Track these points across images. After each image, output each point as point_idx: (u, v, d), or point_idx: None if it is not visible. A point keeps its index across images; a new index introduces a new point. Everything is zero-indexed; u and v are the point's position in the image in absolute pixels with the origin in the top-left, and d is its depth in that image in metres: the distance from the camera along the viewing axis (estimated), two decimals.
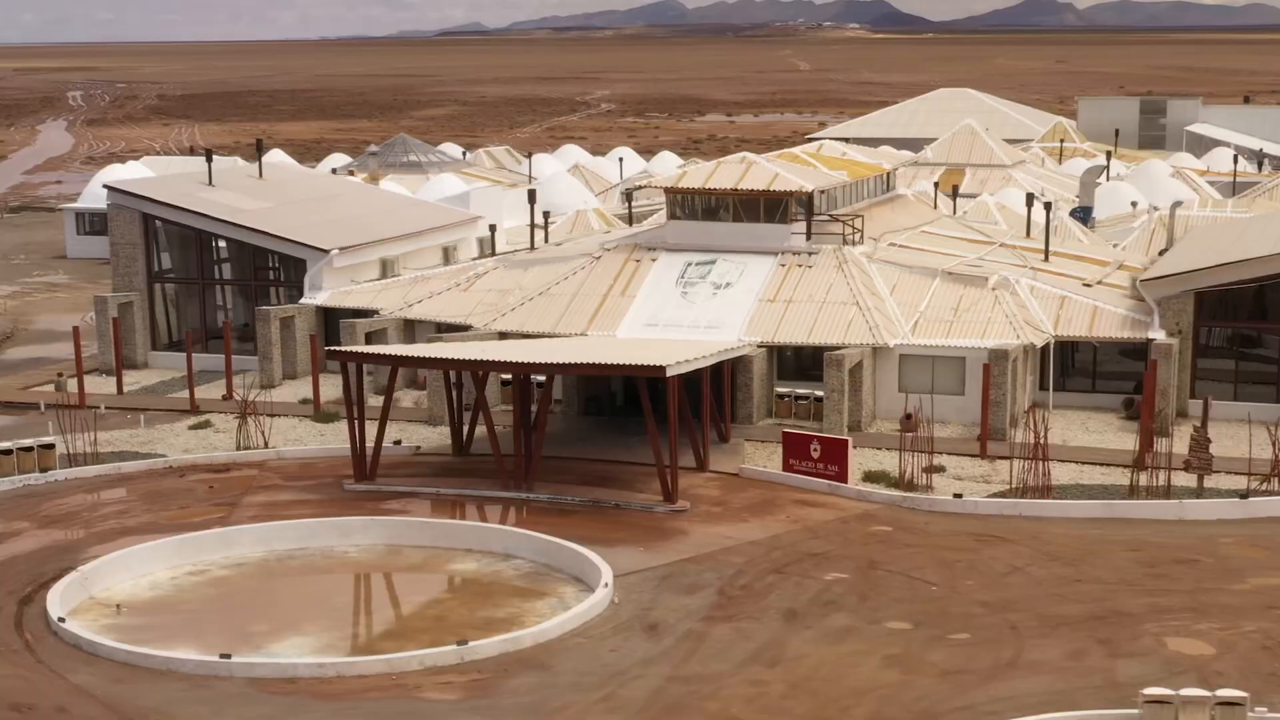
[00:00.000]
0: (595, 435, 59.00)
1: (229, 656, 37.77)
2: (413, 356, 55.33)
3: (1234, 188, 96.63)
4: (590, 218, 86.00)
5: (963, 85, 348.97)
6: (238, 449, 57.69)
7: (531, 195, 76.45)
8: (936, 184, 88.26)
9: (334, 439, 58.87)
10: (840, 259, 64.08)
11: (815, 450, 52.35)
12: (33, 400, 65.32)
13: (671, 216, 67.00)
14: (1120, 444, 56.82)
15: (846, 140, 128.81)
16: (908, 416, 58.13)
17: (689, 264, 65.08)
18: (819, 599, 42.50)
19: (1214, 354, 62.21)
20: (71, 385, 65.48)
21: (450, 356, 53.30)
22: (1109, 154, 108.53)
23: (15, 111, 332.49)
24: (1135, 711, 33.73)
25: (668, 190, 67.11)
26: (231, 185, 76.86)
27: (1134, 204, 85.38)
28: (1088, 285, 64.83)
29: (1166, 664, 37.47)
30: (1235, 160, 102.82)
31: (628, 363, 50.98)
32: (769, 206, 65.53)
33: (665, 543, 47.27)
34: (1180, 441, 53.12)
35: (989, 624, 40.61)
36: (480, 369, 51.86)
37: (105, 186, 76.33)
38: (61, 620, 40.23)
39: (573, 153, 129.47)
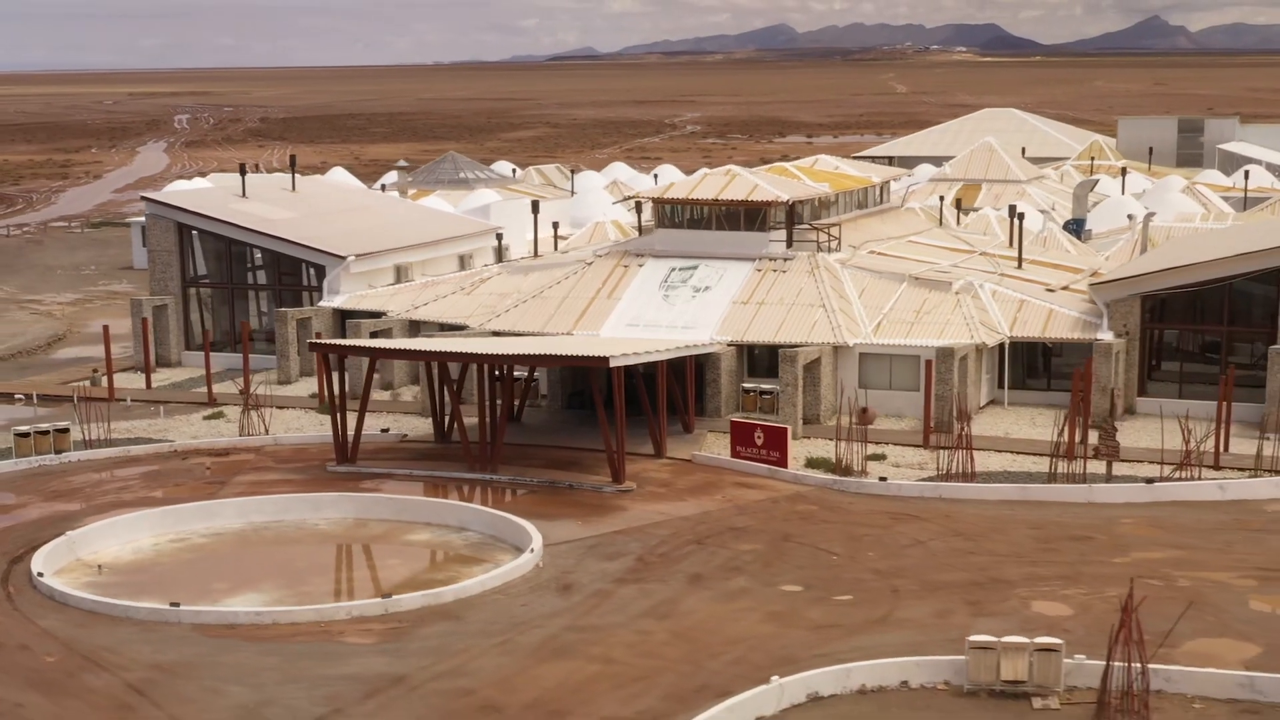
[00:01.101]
0: (574, 427, 63.23)
1: (178, 605, 42.44)
2: (384, 348, 59.81)
3: (1245, 202, 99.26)
4: (608, 228, 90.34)
5: (1055, 107, 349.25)
6: (240, 435, 62.39)
7: (534, 206, 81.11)
8: (942, 198, 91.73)
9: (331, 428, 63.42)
10: (813, 264, 67.93)
11: (759, 438, 56.33)
12: (67, 394, 70.44)
13: (659, 225, 71.24)
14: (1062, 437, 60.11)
15: (890, 159, 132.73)
16: (863, 410, 61.91)
17: (673, 269, 69.27)
18: (726, 565, 46.52)
19: (1178, 356, 65.43)
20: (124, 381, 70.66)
21: (415, 348, 57.79)
22: (1122, 170, 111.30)
23: (121, 134, 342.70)
24: (963, 657, 37.43)
25: (655, 200, 71.42)
26: (263, 197, 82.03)
27: (1130, 217, 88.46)
28: (1051, 290, 68.23)
29: (1023, 622, 41.04)
30: (1246, 176, 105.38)
31: (573, 354, 55.27)
32: (748, 215, 69.62)
33: (603, 518, 51.48)
34: (1122, 435, 56.64)
35: (874, 588, 44.45)
36: (440, 359, 56.40)
37: (143, 198, 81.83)
38: (40, 575, 45.07)
39: (616, 169, 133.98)
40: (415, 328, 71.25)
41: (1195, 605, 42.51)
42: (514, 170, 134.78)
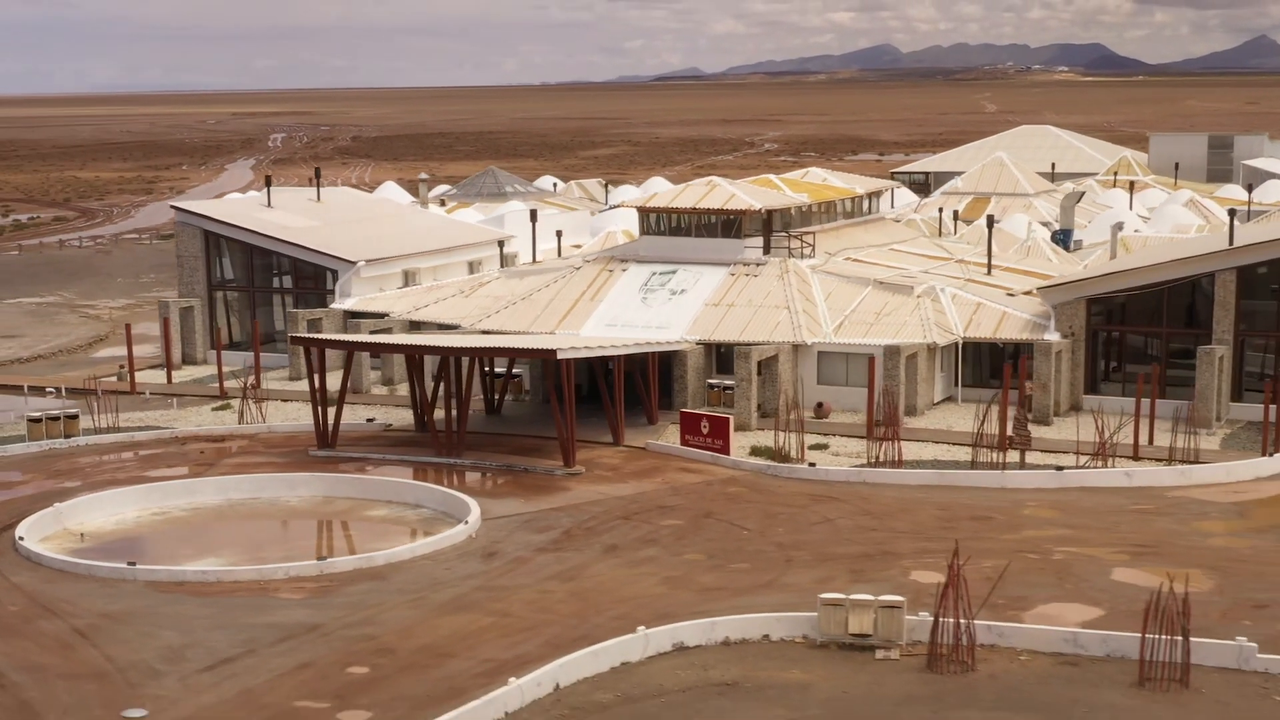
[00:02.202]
0: (549, 418, 67.36)
1: (134, 564, 47.33)
2: (356, 342, 64.57)
3: (1249, 215, 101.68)
4: (618, 236, 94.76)
5: (1140, 126, 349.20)
6: (239, 423, 67.42)
7: (533, 215, 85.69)
8: (940, 209, 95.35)
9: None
10: (783, 269, 71.99)
11: (705, 427, 60.49)
12: (92, 388, 75.80)
13: (643, 232, 75.63)
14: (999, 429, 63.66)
15: (927, 175, 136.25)
16: (819, 405, 65.94)
17: (653, 273, 73.60)
18: (643, 538, 50.75)
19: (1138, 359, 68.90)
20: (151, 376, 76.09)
21: (384, 342, 62.51)
22: (1131, 185, 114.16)
23: (215, 152, 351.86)
24: (814, 614, 41.46)
25: (640, 209, 75.81)
26: (288, 207, 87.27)
27: (1136, 230, 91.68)
28: (1011, 295, 71.82)
29: (896, 588, 44.87)
30: (1250, 189, 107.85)
31: (522, 347, 59.77)
32: (725, 223, 73.80)
33: (546, 496, 55.88)
34: (1061, 430, 60.48)
35: (771, 558, 48.48)
36: (404, 351, 61.19)
37: (172, 206, 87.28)
38: (20, 539, 50.13)
39: (655, 184, 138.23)
40: (415, 327, 75.87)
41: (1060, 574, 46.23)
42: (555, 184, 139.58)
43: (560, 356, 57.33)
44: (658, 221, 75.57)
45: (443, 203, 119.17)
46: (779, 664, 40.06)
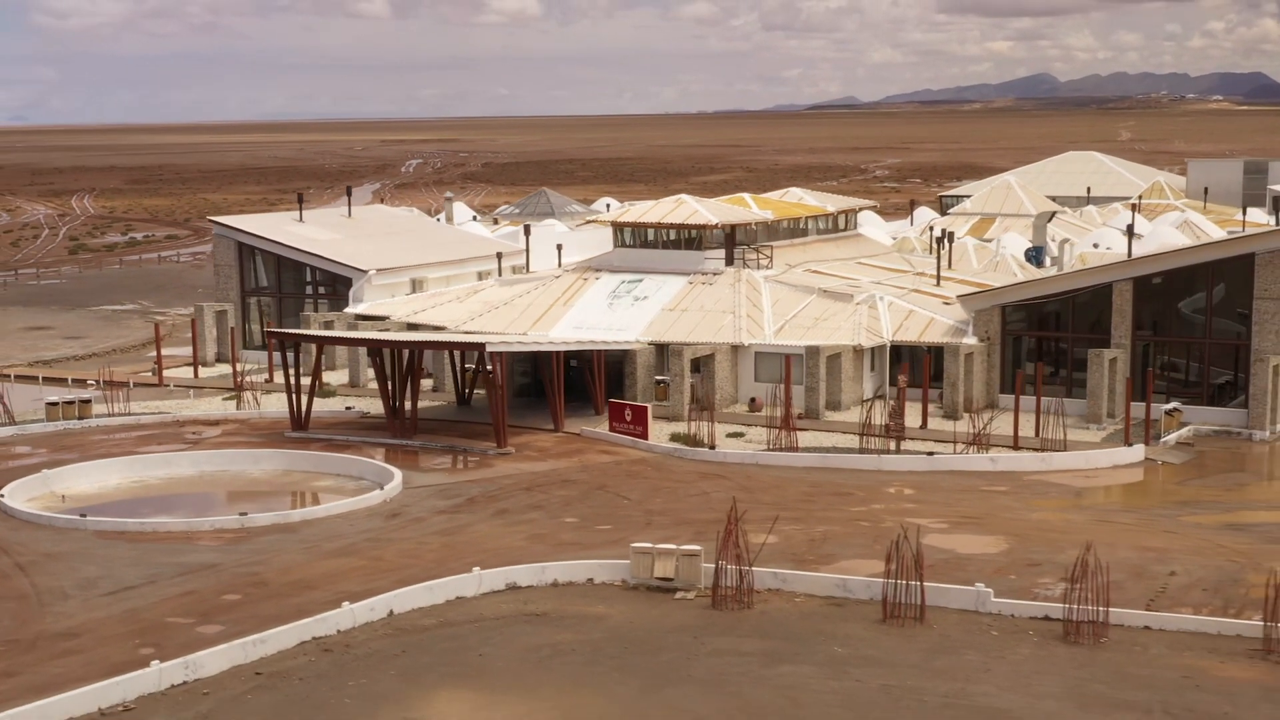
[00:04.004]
0: (510, 409, 74.96)
1: (84, 515, 55.55)
2: (324, 336, 72.44)
3: None
4: None
5: (1265, 154, 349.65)
6: (237, 409, 75.73)
7: (527, 230, 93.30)
8: (933, 228, 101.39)
9: (320, 407, 76.24)
10: (736, 279, 78.85)
11: (628, 415, 67.58)
12: (123, 380, 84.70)
13: (616, 244, 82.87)
14: (910, 423, 69.72)
15: (968, 197, 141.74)
16: (752, 400, 72.70)
17: (621, 282, 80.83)
18: (532, 504, 57.88)
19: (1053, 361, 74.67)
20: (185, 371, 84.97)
21: (345, 336, 70.38)
22: (1133, 207, 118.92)
23: (346, 177, 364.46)
24: (628, 561, 48.39)
25: (613, 224, 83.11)
26: (318, 221, 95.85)
27: (1095, 245, 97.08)
28: (948, 303, 77.95)
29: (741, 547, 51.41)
30: (1244, 211, 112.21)
31: (458, 341, 67.32)
32: (688, 237, 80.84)
33: (470, 472, 63.29)
34: (966, 424, 66.79)
35: (635, 521, 55.30)
36: (363, 345, 69.03)
37: (210, 220, 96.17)
38: (1, 495, 58.55)
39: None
40: (413, 328, 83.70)
41: (877, 538, 52.43)
42: (608, 205, 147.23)
43: (489, 350, 64.71)
44: (630, 235, 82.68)
45: (495, 221, 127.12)
46: (590, 601, 46.95)
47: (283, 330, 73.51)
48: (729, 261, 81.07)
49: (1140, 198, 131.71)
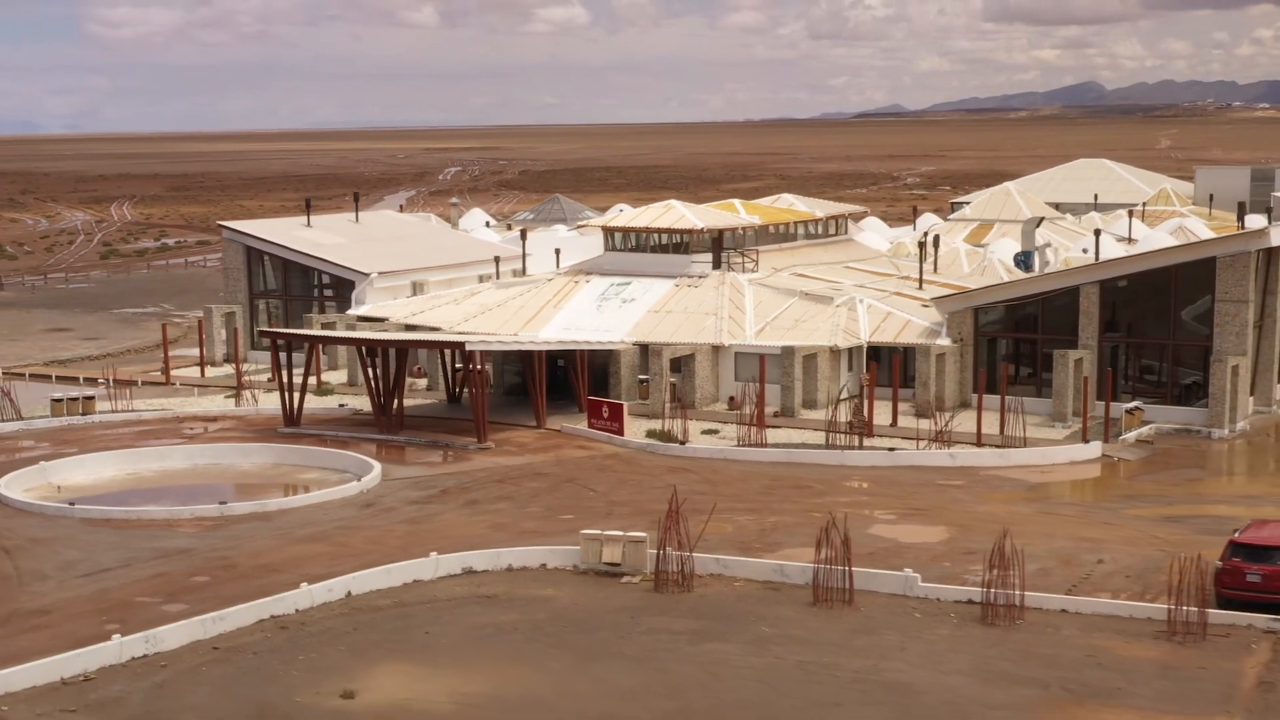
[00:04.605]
0: (499, 407, 77.57)
1: (73, 504, 58.32)
2: (315, 335, 75.11)
3: None
4: None
5: None
6: (236, 406, 78.52)
7: (523, 234, 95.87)
8: (926, 233, 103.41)
9: (316, 404, 78.89)
10: (721, 282, 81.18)
11: (605, 412, 70.00)
12: (131, 379, 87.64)
13: (606, 248, 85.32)
14: (882, 421, 71.75)
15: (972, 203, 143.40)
16: (731, 399, 74.99)
17: (611, 284, 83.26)
18: (501, 495, 60.31)
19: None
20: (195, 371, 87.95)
21: (334, 335, 73.01)
22: (1128, 213, 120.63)
23: (383, 184, 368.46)
24: (578, 547, 50.76)
25: (603, 228, 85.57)
26: (325, 226, 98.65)
27: (1084, 250, 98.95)
28: (926, 306, 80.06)
29: (685, 536, 53.71)
30: (1241, 216, 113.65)
31: (438, 339, 69.84)
32: (675, 242, 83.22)
33: (448, 465, 65.78)
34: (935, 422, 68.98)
35: (597, 511, 57.60)
36: (350, 344, 71.59)
37: (219, 225, 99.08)
38: None
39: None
40: (411, 329, 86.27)
41: (830, 528, 54.52)
42: (620, 210, 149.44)
43: (469, 348, 67.28)
44: (620, 239, 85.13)
45: (509, 227, 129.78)
46: (541, 584, 49.34)
47: (275, 330, 76.15)
48: (716, 265, 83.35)
49: (1144, 204, 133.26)
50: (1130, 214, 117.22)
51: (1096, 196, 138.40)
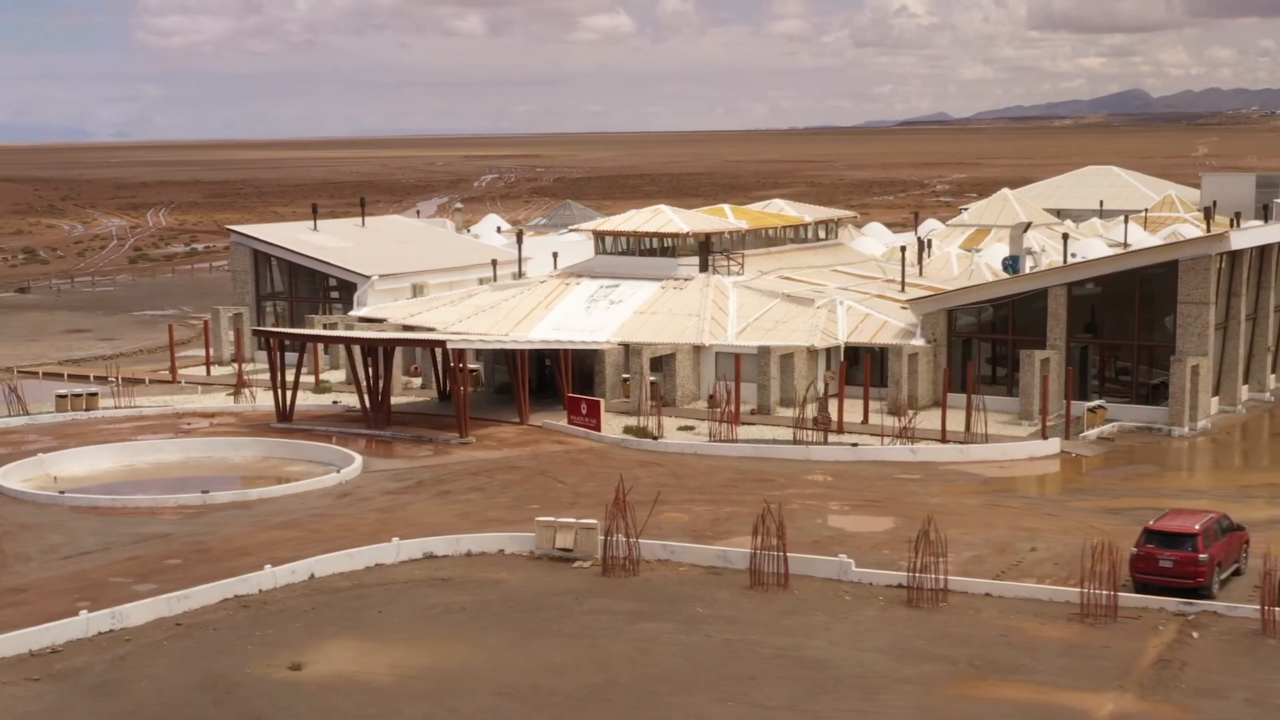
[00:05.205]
0: (487, 405, 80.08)
1: (63, 493, 61.13)
2: (306, 334, 77.75)
3: None
4: None
5: None
6: (235, 403, 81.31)
7: (519, 238, 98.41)
8: (919, 239, 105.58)
9: (312, 402, 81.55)
10: (705, 284, 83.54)
11: (584, 408, 72.43)
12: (140, 377, 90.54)
13: (597, 252, 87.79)
14: (848, 418, 73.89)
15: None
16: (711, 397, 77.33)
17: (600, 286, 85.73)
18: (473, 487, 62.77)
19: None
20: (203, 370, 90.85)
21: (322, 334, 75.70)
22: (1125, 218, 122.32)
23: (416, 190, 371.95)
24: (533, 534, 53.19)
25: (594, 232, 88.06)
26: (331, 230, 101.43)
27: (1073, 255, 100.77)
28: (904, 308, 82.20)
29: (645, 525, 55.90)
30: (1237, 223, 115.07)
31: (421, 339, 72.46)
32: (662, 246, 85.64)
33: (429, 458, 68.24)
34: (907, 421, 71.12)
35: (562, 502, 59.92)
36: (341, 342, 74.15)
37: (227, 229, 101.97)
38: None
39: None
40: (408, 329, 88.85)
41: (786, 518, 56.71)
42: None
43: (450, 347, 69.85)
44: (610, 243, 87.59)
45: (521, 232, 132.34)
46: (496, 568, 51.79)
47: (266, 330, 78.88)
48: (703, 269, 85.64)
49: (1147, 211, 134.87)
50: (1126, 220, 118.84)
51: (1102, 203, 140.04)
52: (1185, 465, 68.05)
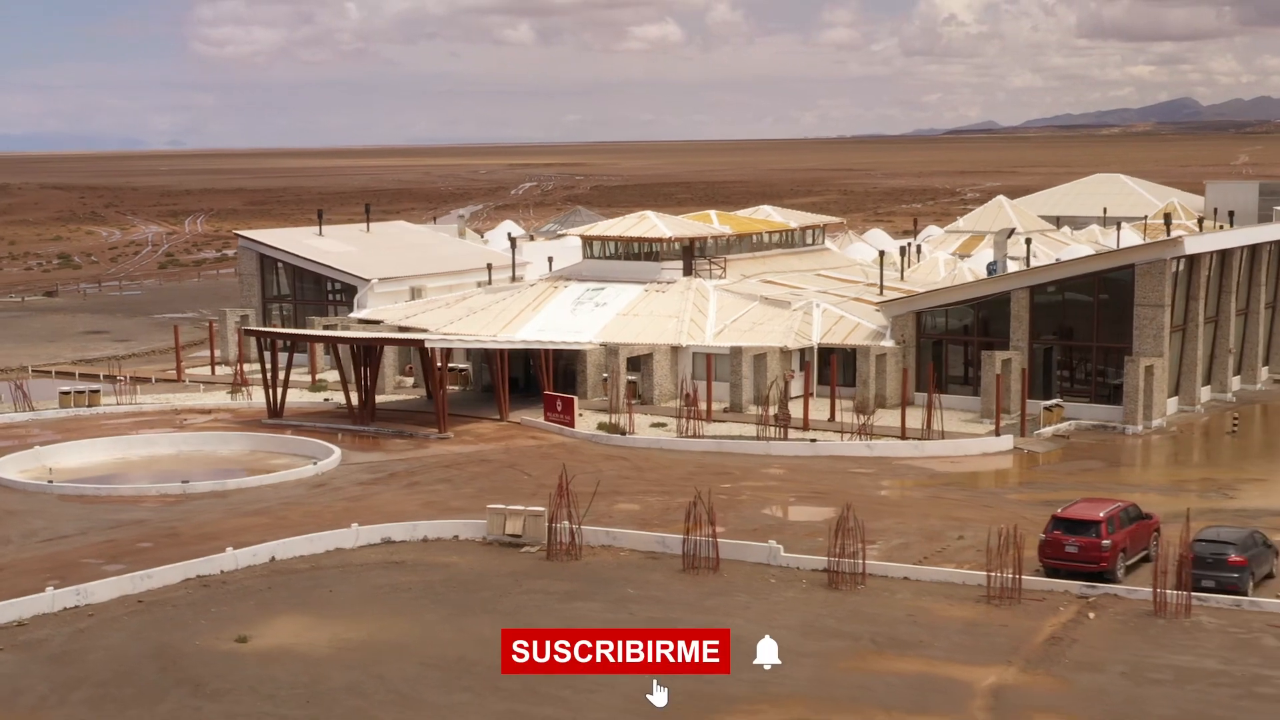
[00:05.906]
0: (474, 402, 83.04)
1: (51, 482, 64.41)
2: (292, 333, 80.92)
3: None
4: None
5: None
6: (231, 400, 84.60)
7: (513, 242, 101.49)
8: (910, 244, 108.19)
9: (305, 399, 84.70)
10: (686, 287, 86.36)
11: (559, 405, 75.33)
12: (147, 376, 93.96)
13: (585, 256, 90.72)
14: (816, 416, 76.42)
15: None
16: (688, 395, 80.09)
17: (586, 289, 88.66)
18: (442, 478, 65.69)
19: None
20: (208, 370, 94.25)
21: (310, 333, 78.84)
22: (1118, 225, 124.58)
23: (454, 198, 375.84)
24: (484, 520, 56.09)
25: (583, 237, 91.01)
26: (336, 235, 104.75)
27: (1058, 259, 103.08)
28: (877, 310, 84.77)
29: (598, 515, 58.61)
30: (1232, 216, 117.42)
31: (402, 338, 75.49)
32: (647, 250, 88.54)
33: (406, 452, 71.21)
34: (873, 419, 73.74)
35: (524, 492, 62.49)
36: (327, 341, 77.33)
37: (235, 234, 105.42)
38: None
39: None
40: (403, 330, 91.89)
41: (727, 509, 59.37)
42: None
43: (428, 345, 72.83)
44: (597, 247, 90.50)
45: (531, 238, 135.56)
46: (449, 553, 54.64)
47: (258, 329, 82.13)
48: (686, 272, 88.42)
49: (1147, 218, 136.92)
50: (1119, 227, 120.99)
51: (1106, 210, 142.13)
52: (1133, 462, 70.31)
